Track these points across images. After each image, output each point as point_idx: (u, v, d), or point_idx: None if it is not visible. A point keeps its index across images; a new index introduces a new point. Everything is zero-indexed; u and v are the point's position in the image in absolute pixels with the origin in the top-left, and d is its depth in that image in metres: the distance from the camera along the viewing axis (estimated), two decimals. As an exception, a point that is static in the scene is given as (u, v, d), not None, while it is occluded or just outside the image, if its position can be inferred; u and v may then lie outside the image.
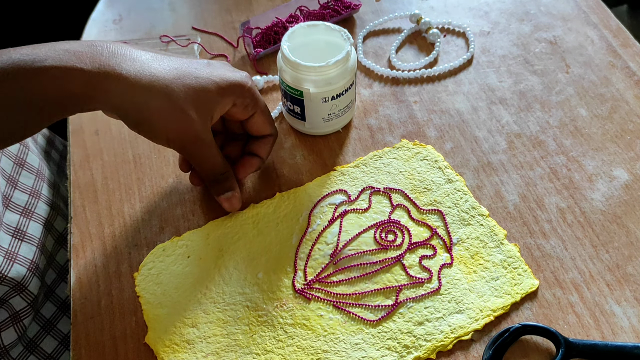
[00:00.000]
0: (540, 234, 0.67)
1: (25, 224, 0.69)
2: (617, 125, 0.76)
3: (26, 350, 0.69)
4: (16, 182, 0.71)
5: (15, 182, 0.71)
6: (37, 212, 0.73)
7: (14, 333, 0.66)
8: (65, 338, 0.73)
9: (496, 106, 0.79)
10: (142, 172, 0.75)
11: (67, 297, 0.73)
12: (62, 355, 0.72)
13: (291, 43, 0.71)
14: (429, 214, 0.69)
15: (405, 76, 0.82)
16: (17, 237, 0.67)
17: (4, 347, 0.65)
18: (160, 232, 0.70)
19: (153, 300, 0.64)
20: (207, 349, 0.61)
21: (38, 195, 0.74)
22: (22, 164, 0.73)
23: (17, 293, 0.66)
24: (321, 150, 0.76)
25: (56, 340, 0.72)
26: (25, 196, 0.72)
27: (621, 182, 0.70)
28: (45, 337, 0.70)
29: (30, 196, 0.73)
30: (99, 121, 0.81)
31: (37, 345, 0.70)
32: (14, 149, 0.73)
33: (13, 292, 0.66)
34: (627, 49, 0.83)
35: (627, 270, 0.64)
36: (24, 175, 0.73)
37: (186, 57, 0.63)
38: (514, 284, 0.63)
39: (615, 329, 0.60)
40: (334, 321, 0.62)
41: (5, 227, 0.67)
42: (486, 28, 0.88)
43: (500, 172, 0.72)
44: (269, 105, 0.81)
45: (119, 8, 0.95)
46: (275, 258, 0.66)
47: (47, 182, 0.77)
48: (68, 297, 0.69)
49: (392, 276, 0.64)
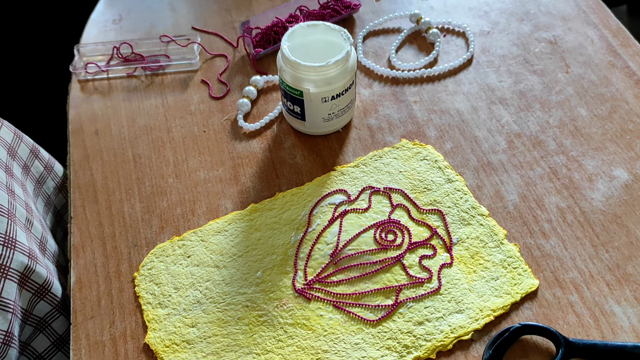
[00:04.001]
0: (540, 233, 0.67)
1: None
2: (617, 125, 0.76)
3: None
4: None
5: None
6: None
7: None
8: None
9: (496, 106, 0.79)
10: (142, 172, 0.75)
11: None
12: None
13: (291, 43, 0.71)
14: (429, 214, 0.69)
15: (405, 76, 0.82)
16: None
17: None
18: (160, 232, 0.70)
19: (153, 300, 0.64)
20: (207, 349, 0.61)
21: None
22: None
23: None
24: (321, 150, 0.76)
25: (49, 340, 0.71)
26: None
27: (621, 182, 0.70)
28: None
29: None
30: (99, 121, 0.81)
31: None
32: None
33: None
34: (627, 48, 0.83)
35: (627, 270, 0.64)
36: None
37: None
38: (514, 284, 0.63)
39: (615, 328, 0.60)
40: (334, 321, 0.62)
41: None
42: (486, 28, 0.88)
43: (500, 172, 0.72)
44: (269, 105, 0.81)
45: (119, 8, 0.95)
46: (275, 258, 0.66)
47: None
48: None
49: (392, 276, 0.64)
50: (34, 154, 0.77)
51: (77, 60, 0.86)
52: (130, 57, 0.87)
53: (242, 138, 0.78)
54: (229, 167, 0.75)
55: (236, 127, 0.79)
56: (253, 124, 0.78)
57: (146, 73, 0.86)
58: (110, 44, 0.87)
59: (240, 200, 0.72)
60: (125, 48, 0.87)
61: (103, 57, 0.87)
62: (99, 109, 0.82)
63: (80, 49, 0.87)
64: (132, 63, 0.86)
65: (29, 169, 0.76)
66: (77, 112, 0.82)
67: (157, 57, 0.87)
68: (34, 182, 0.76)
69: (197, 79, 0.85)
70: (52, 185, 0.80)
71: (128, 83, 0.85)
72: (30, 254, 0.64)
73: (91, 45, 0.88)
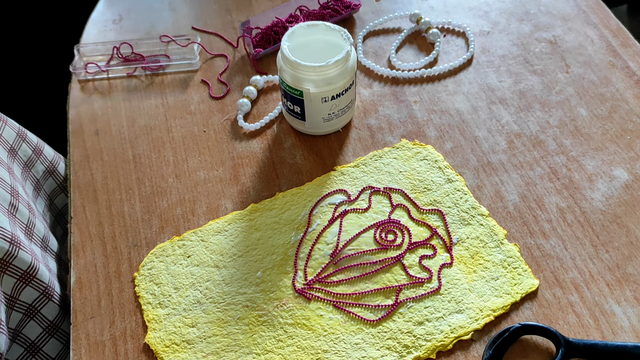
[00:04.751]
0: (540, 233, 0.67)
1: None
2: (617, 125, 0.76)
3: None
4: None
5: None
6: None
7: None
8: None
9: (496, 106, 0.79)
10: (142, 172, 0.75)
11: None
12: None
13: (291, 43, 0.71)
14: (429, 214, 0.69)
15: (405, 76, 0.82)
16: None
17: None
18: (160, 232, 0.70)
19: (153, 300, 0.64)
20: (207, 349, 0.61)
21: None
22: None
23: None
24: (321, 150, 0.76)
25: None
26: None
27: (621, 182, 0.70)
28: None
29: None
30: (99, 121, 0.81)
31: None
32: None
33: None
34: (627, 48, 0.83)
35: (627, 270, 0.64)
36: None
37: None
38: (514, 284, 0.63)
39: (615, 328, 0.60)
40: (334, 321, 0.62)
41: None
42: (486, 28, 0.88)
43: (500, 172, 0.72)
44: (269, 105, 0.81)
45: (119, 8, 0.95)
46: (275, 258, 0.66)
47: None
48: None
49: (392, 276, 0.64)
50: (20, 137, 0.77)
51: (77, 60, 0.86)
52: (130, 57, 0.87)
53: (242, 138, 0.78)
54: (229, 167, 0.75)
55: (236, 127, 0.79)
56: (253, 124, 0.78)
57: (146, 73, 0.86)
58: (110, 44, 0.87)
59: (240, 200, 0.72)
60: (125, 48, 0.87)
61: (103, 57, 0.87)
62: (99, 109, 0.82)
63: (80, 49, 0.87)
64: (132, 63, 0.86)
65: (17, 153, 0.76)
66: (77, 112, 0.82)
67: (157, 57, 0.87)
68: (21, 165, 0.76)
69: (197, 79, 0.85)
70: (42, 169, 0.80)
71: (128, 83, 0.85)
72: (12, 239, 0.64)
73: (91, 45, 0.88)
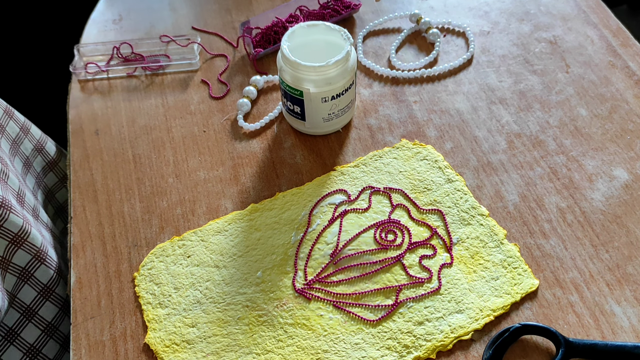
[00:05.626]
0: (540, 233, 0.67)
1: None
2: (617, 125, 0.76)
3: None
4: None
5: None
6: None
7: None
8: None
9: (496, 106, 0.79)
10: (142, 172, 0.75)
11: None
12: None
13: (291, 43, 0.71)
14: (429, 214, 0.69)
15: (405, 76, 0.82)
16: None
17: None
18: (160, 232, 0.70)
19: (153, 300, 0.64)
20: (207, 349, 0.61)
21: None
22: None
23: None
24: (321, 150, 0.76)
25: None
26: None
27: (621, 182, 0.70)
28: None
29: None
30: (99, 121, 0.81)
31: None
32: None
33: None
34: (627, 48, 0.83)
35: (627, 270, 0.64)
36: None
37: None
38: (514, 284, 0.63)
39: (615, 328, 0.60)
40: (334, 321, 0.62)
41: None
42: (486, 28, 0.88)
43: (500, 172, 0.72)
44: (269, 105, 0.81)
45: (119, 8, 0.95)
46: (275, 258, 0.66)
47: None
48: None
49: (392, 276, 0.64)
50: (8, 114, 0.77)
51: (77, 60, 0.86)
52: (130, 57, 0.87)
53: (242, 138, 0.78)
54: (229, 167, 0.75)
55: (236, 127, 0.79)
56: (253, 124, 0.78)
57: (146, 73, 0.86)
58: (110, 44, 0.87)
59: (240, 200, 0.72)
60: (125, 48, 0.87)
61: (103, 57, 0.87)
62: (99, 109, 0.82)
63: (80, 49, 0.87)
64: (132, 63, 0.86)
65: (4, 129, 0.76)
66: (77, 112, 0.82)
67: (157, 57, 0.87)
68: (9, 141, 0.76)
69: (197, 79, 0.85)
70: (30, 147, 0.79)
71: (128, 83, 0.85)
72: (2, 202, 0.65)
73: (91, 45, 0.88)
